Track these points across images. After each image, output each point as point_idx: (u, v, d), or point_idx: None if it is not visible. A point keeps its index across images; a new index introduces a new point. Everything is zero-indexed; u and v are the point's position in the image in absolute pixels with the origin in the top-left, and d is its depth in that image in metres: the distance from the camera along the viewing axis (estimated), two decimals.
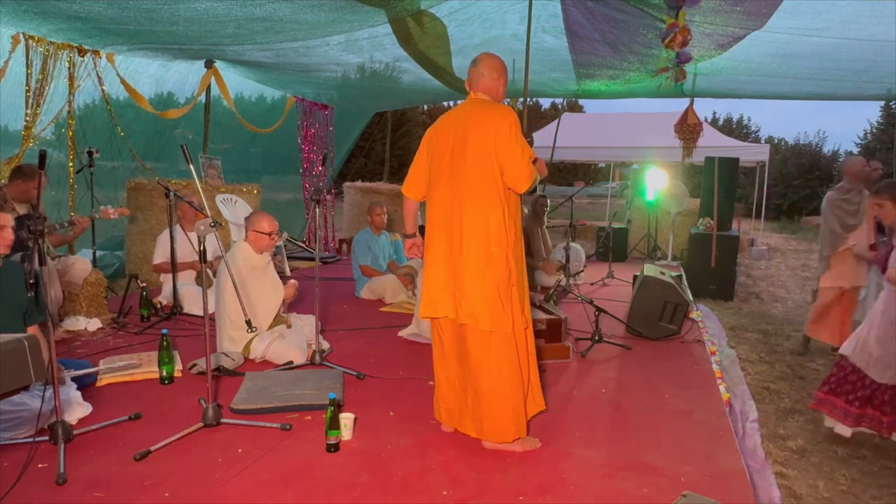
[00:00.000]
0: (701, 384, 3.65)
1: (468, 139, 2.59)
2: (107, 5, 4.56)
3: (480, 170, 2.57)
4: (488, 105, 2.67)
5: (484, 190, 2.57)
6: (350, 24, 5.52)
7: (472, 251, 2.56)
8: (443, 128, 2.74)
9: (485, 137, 2.57)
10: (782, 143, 32.82)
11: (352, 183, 10.01)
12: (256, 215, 3.86)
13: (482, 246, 2.56)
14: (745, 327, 5.99)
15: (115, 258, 6.73)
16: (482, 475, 2.43)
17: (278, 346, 3.74)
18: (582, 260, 7.13)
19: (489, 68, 2.73)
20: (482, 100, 2.71)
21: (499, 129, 2.55)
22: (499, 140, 2.55)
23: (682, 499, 2.17)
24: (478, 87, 2.74)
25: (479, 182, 2.58)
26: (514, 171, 2.56)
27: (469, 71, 2.76)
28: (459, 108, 2.74)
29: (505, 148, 2.55)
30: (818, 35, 5.18)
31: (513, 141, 2.55)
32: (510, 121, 2.57)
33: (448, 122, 2.73)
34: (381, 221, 5.97)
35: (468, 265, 2.56)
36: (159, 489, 2.25)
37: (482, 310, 2.54)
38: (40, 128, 5.39)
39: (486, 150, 2.56)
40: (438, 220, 2.67)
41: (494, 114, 2.60)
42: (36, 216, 2.36)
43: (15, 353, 2.02)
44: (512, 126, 2.56)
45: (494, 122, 2.56)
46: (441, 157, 2.69)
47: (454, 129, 2.66)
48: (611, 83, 7.71)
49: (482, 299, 2.54)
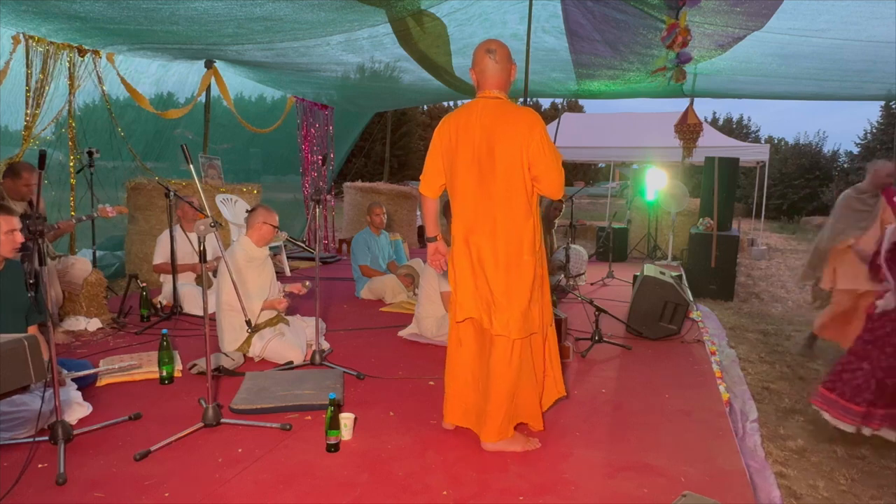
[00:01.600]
0: (701, 384, 3.65)
1: (496, 147, 2.51)
2: (107, 5, 4.56)
3: (512, 180, 2.52)
4: (511, 108, 2.56)
5: (516, 200, 2.54)
6: (350, 23, 5.52)
7: (506, 262, 2.55)
8: (460, 129, 2.59)
9: (515, 146, 2.49)
10: (782, 143, 32.84)
11: (352, 183, 10.00)
12: (265, 209, 3.87)
13: (515, 256, 2.55)
14: (745, 327, 5.99)
15: (115, 258, 6.73)
16: (482, 475, 2.43)
17: (277, 344, 3.74)
18: (584, 261, 7.13)
19: (502, 58, 2.57)
20: (502, 101, 2.59)
21: (531, 137, 2.47)
22: (532, 149, 2.48)
23: (682, 499, 2.17)
24: (492, 83, 2.58)
25: (511, 192, 2.53)
26: (550, 179, 2.53)
27: (481, 62, 2.57)
28: (478, 108, 2.58)
29: (539, 157, 2.49)
30: (818, 36, 5.18)
31: (546, 148, 2.50)
32: (540, 127, 2.50)
33: (465, 123, 2.58)
34: (380, 221, 5.97)
35: (502, 276, 2.55)
36: (159, 489, 2.25)
37: (516, 320, 2.54)
38: (40, 128, 5.39)
39: (517, 159, 2.50)
40: (468, 228, 2.61)
41: (523, 120, 2.50)
42: (36, 216, 2.36)
43: (15, 354, 2.02)
44: (543, 133, 2.50)
45: (524, 128, 2.48)
46: (465, 162, 2.58)
47: (479, 136, 2.54)
48: (611, 83, 7.70)
49: (516, 309, 2.54)
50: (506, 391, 2.60)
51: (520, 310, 2.56)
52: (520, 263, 2.56)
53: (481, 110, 2.57)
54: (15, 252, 2.67)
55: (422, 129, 32.78)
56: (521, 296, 2.56)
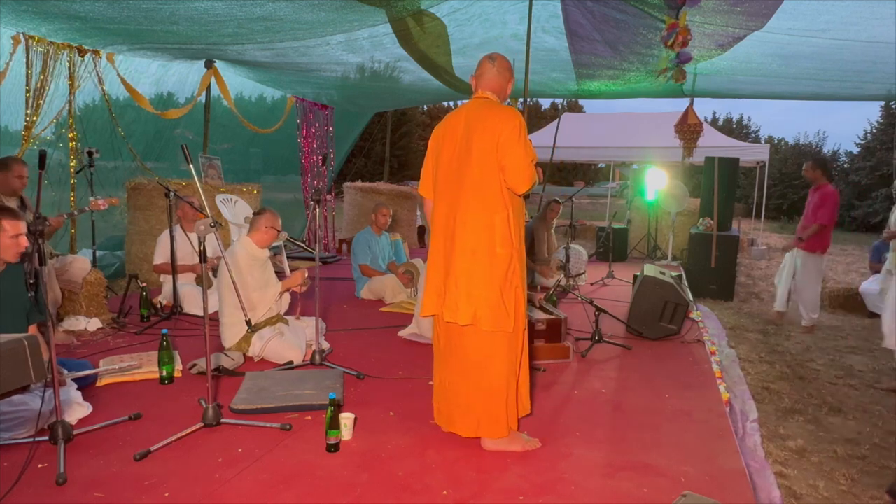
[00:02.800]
0: (701, 384, 3.65)
1: (473, 139, 2.57)
2: (107, 5, 4.56)
3: (484, 171, 2.56)
4: (494, 105, 2.65)
5: (489, 191, 2.56)
6: (350, 23, 5.52)
7: (476, 253, 2.55)
8: (448, 127, 2.71)
9: (489, 138, 2.54)
10: (782, 143, 32.85)
11: (352, 183, 10.01)
12: (272, 214, 3.87)
13: (486, 247, 2.55)
14: (745, 327, 5.99)
15: (115, 258, 6.73)
16: (482, 475, 2.43)
17: (276, 344, 3.74)
18: (584, 261, 7.14)
19: (503, 68, 2.71)
20: (489, 99, 2.68)
21: (504, 128, 2.52)
22: (502, 139, 2.52)
23: (682, 499, 2.17)
24: (486, 86, 2.70)
25: (483, 183, 2.56)
26: (515, 170, 2.54)
27: (482, 66, 2.72)
28: (465, 108, 2.70)
29: (508, 147, 2.52)
30: (818, 36, 5.17)
31: (516, 141, 2.53)
32: (516, 121, 2.54)
33: (453, 122, 2.70)
34: (385, 223, 5.97)
35: (473, 266, 2.55)
36: (159, 489, 2.25)
37: (485, 311, 2.53)
38: (40, 128, 5.40)
39: (490, 150, 2.54)
40: (442, 221, 2.66)
41: (500, 114, 2.57)
42: (36, 216, 2.36)
43: (15, 353, 2.02)
44: (518, 127, 2.54)
45: (500, 121, 2.54)
46: (447, 157, 2.67)
47: (459, 129, 2.64)
48: (611, 83, 7.70)
49: (486, 300, 2.53)
50: (494, 383, 2.58)
51: (487, 302, 2.53)
52: (491, 254, 2.54)
53: (468, 109, 2.68)
54: (18, 256, 2.67)
55: (422, 129, 32.79)
56: (488, 286, 2.53)
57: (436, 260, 2.68)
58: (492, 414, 2.60)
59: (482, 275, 2.54)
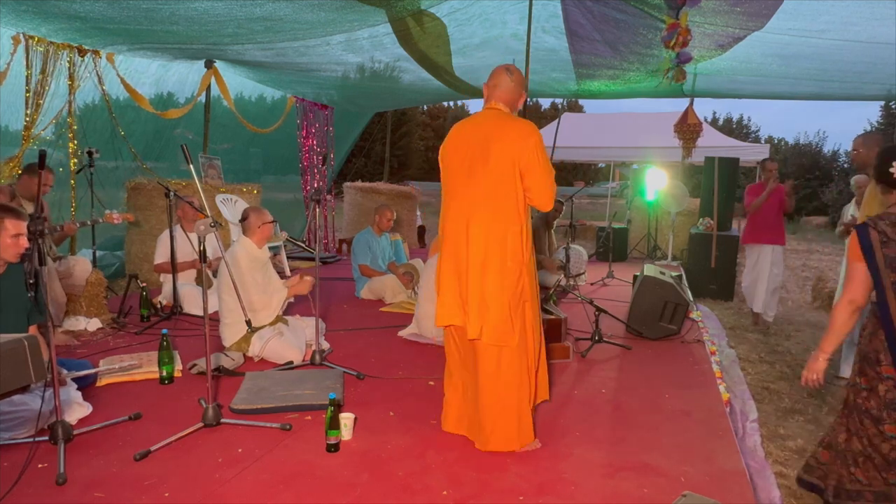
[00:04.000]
0: (701, 384, 3.65)
1: (491, 153, 2.54)
2: (107, 5, 4.56)
3: (502, 186, 2.54)
4: (511, 119, 2.63)
5: (504, 205, 2.55)
6: (350, 23, 5.52)
7: (487, 266, 2.54)
8: (461, 138, 2.67)
9: (508, 153, 2.52)
10: (782, 143, 32.85)
11: (352, 183, 10.01)
12: (256, 212, 3.87)
13: (497, 261, 2.54)
14: (745, 327, 5.99)
15: (115, 258, 6.73)
16: (482, 475, 2.44)
17: (276, 344, 3.74)
18: (584, 261, 7.13)
19: (519, 83, 2.68)
20: (503, 112, 2.66)
21: (525, 146, 2.52)
22: (524, 158, 2.52)
23: (682, 499, 2.17)
24: (501, 98, 2.67)
25: (498, 195, 2.55)
26: (540, 191, 2.55)
27: (498, 76, 2.68)
28: (479, 118, 2.68)
29: (531, 167, 2.52)
30: (818, 36, 5.17)
31: (539, 160, 2.53)
32: (536, 138, 2.54)
33: (467, 132, 2.67)
34: (387, 225, 5.96)
35: (483, 280, 2.54)
36: (159, 489, 2.25)
37: (490, 326, 2.53)
38: (40, 128, 5.39)
39: (509, 165, 2.53)
40: (456, 231, 2.62)
41: (520, 129, 2.55)
42: (36, 216, 2.36)
43: (15, 353, 2.02)
44: (538, 144, 2.54)
45: (520, 137, 2.53)
46: (461, 166, 2.63)
47: (475, 141, 2.60)
48: (611, 83, 7.70)
49: (493, 315, 2.53)
50: (503, 399, 2.57)
51: (493, 316, 2.52)
52: (502, 269, 2.53)
53: (483, 119, 2.66)
54: (18, 256, 2.67)
55: (422, 129, 32.83)
56: (497, 301, 2.52)
57: (448, 269, 2.65)
58: (501, 429, 2.59)
59: (492, 289, 2.53)
